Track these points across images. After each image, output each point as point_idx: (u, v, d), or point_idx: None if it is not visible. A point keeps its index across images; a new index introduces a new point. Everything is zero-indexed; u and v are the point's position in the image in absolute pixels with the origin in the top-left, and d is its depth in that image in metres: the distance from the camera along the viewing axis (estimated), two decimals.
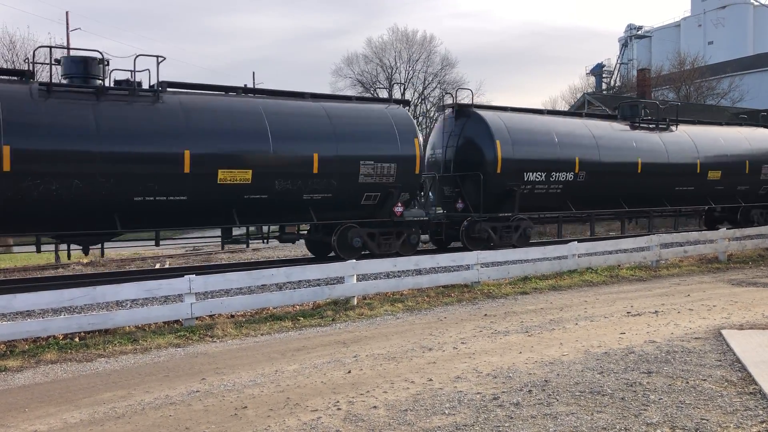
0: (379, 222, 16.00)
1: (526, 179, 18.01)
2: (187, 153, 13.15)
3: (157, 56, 13.34)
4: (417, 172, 16.39)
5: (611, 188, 19.85)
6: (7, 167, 11.57)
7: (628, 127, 21.31)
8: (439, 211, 18.83)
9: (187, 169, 13.16)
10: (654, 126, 21.82)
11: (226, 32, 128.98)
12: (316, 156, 14.65)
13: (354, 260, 12.52)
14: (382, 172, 15.66)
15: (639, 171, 20.38)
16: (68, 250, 14.38)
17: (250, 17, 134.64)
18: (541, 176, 18.26)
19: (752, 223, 23.10)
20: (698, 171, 21.91)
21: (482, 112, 18.27)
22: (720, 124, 25.34)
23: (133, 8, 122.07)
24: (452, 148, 18.40)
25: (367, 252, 15.84)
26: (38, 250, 13.82)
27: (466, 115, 18.32)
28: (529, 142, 18.24)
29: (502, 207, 17.97)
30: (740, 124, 25.41)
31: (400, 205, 16.09)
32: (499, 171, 17.50)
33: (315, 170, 14.63)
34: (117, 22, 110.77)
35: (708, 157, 22.27)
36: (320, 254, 17.19)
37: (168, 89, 13.75)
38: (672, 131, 22.15)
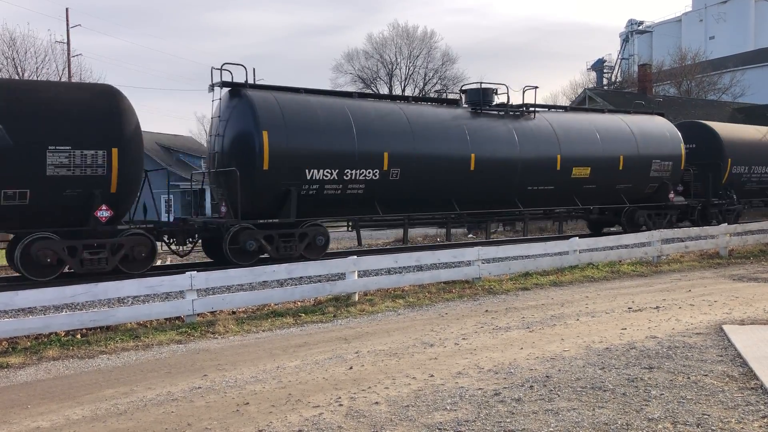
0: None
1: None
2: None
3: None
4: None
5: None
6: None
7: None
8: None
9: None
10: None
11: (222, 29, 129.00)
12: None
13: (355, 256, 12.52)
14: None
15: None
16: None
17: (246, 14, 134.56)
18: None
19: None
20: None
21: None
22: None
23: (130, 5, 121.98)
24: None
25: None
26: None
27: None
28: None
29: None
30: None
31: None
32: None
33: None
34: (115, 19, 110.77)
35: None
36: None
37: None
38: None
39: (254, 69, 14.64)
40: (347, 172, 14.88)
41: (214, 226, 14.42)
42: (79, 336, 9.72)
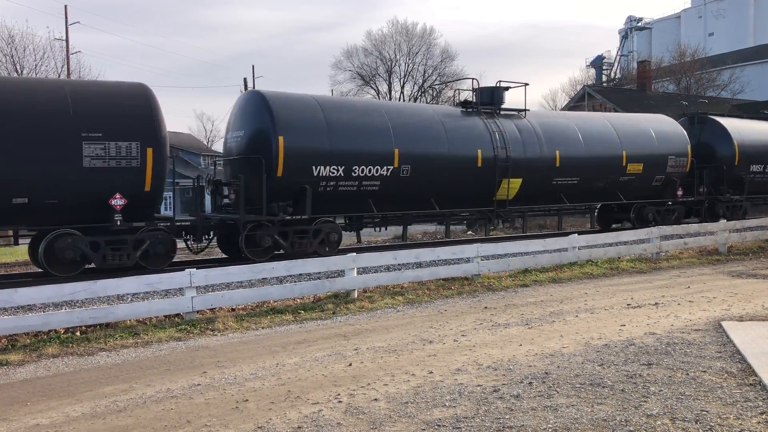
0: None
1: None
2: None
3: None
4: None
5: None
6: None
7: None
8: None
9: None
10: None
11: (220, 25, 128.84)
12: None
13: (354, 253, 12.53)
14: None
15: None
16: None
17: (243, 10, 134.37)
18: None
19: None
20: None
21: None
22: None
23: (129, 1, 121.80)
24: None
25: None
26: None
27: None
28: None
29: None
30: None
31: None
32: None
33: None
34: (113, 16, 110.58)
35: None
36: None
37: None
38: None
39: (253, 66, 14.65)
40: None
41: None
42: (78, 333, 9.72)
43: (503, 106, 18.67)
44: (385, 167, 15.67)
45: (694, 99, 39.89)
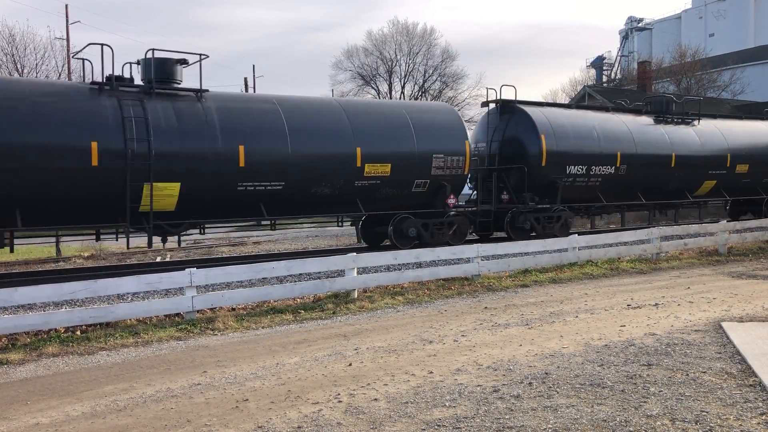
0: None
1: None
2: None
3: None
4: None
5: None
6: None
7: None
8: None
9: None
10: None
11: (219, 25, 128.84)
12: None
13: (354, 253, 12.53)
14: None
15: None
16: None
17: (242, 10, 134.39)
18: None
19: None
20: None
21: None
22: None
23: (129, 1, 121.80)
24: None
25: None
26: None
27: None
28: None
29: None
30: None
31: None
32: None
33: None
34: (114, 15, 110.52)
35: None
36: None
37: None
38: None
39: (254, 66, 14.47)
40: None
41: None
42: (78, 332, 9.72)
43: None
44: None
45: (697, 100, 39.84)
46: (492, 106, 19.25)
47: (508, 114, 18.89)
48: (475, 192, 19.37)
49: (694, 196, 22.26)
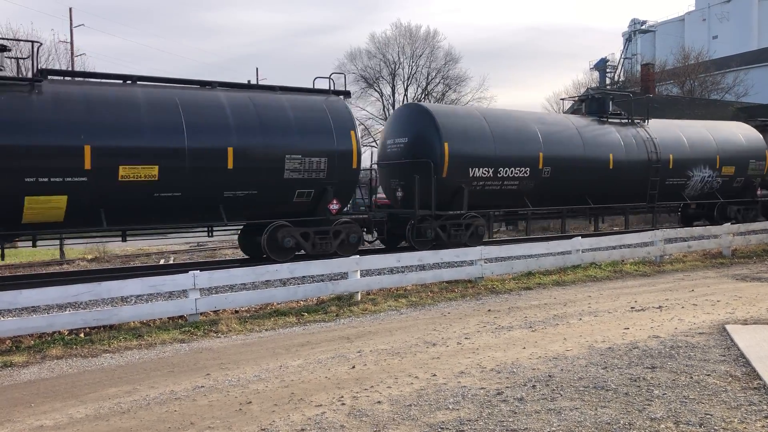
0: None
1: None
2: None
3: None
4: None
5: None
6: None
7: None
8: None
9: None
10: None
11: (222, 27, 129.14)
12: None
13: (357, 256, 12.53)
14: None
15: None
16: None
17: (244, 13, 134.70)
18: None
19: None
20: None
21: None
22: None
23: (133, 4, 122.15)
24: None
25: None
26: None
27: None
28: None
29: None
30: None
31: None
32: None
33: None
34: (118, 18, 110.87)
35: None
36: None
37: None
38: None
39: (257, 69, 14.50)
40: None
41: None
42: (82, 335, 9.74)
43: None
44: None
45: (698, 101, 39.83)
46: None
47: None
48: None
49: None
